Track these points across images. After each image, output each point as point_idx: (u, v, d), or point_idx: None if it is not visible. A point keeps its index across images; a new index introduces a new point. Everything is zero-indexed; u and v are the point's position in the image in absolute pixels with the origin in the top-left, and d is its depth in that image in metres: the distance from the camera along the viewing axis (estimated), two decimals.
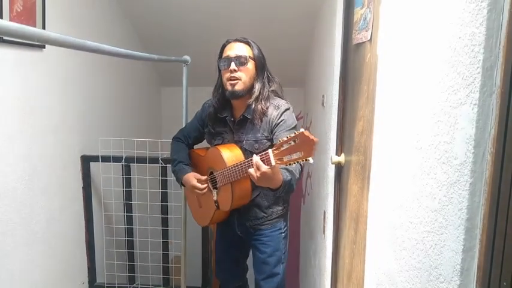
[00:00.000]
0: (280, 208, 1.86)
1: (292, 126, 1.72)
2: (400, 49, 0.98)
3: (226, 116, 1.80)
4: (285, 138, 1.35)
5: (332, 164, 1.72)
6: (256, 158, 1.43)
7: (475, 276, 0.64)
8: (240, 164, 1.57)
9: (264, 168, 1.40)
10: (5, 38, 1.68)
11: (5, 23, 0.79)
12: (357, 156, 1.42)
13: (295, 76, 3.47)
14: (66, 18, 2.19)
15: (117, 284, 2.47)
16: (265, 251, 1.86)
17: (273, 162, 1.38)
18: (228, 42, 1.76)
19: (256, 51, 1.73)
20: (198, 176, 1.81)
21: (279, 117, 1.71)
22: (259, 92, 1.72)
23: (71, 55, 2.23)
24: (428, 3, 0.82)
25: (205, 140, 1.98)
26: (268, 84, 1.77)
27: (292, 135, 1.32)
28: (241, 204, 1.76)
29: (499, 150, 0.59)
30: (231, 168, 1.61)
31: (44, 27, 1.93)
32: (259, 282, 1.88)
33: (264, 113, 1.72)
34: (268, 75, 1.78)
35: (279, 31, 2.94)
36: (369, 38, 1.28)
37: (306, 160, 1.30)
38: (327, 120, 2.14)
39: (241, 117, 1.76)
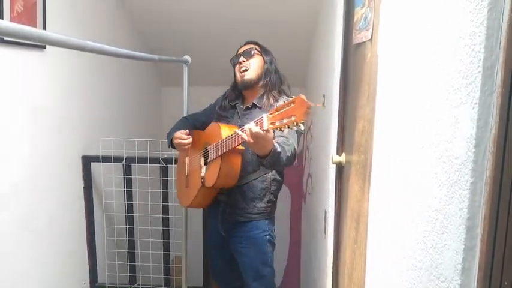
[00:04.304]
0: (263, 206, 1.85)
1: None
2: (400, 48, 0.98)
3: (236, 103, 1.93)
4: (282, 103, 1.37)
5: (333, 163, 1.72)
6: (250, 124, 1.47)
7: (476, 276, 0.64)
8: (234, 133, 1.59)
9: (256, 129, 1.43)
10: (5, 38, 1.68)
11: (5, 23, 0.79)
12: (357, 155, 1.42)
13: (296, 76, 3.46)
14: (67, 18, 2.19)
15: (118, 284, 2.47)
16: (248, 254, 1.87)
17: (265, 126, 1.41)
18: (240, 46, 1.98)
19: (264, 49, 1.92)
20: (184, 131, 1.88)
21: None
22: (269, 80, 1.86)
23: (72, 55, 2.23)
24: (428, 2, 0.82)
25: None
26: (277, 77, 1.89)
27: (290, 99, 1.34)
28: (227, 184, 1.77)
29: (500, 149, 0.59)
30: (224, 139, 1.65)
31: (44, 28, 1.93)
32: (249, 285, 1.91)
33: (273, 103, 1.81)
34: (276, 69, 1.91)
35: (279, 31, 2.94)
36: (369, 38, 1.27)
37: (297, 125, 1.29)
38: (327, 120, 2.14)
39: (251, 104, 1.87)
